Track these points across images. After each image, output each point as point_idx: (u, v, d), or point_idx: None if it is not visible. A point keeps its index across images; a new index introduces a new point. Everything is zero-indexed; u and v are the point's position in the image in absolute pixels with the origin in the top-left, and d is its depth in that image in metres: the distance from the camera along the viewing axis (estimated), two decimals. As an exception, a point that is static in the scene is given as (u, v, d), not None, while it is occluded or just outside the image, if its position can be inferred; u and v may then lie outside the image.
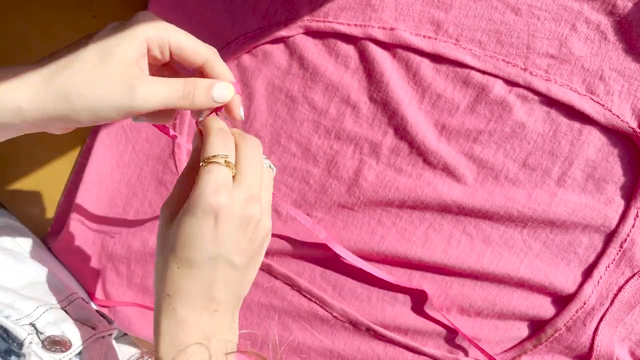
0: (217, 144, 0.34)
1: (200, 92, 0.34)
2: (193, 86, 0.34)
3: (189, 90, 0.34)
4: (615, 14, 0.43)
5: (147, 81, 0.33)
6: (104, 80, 0.32)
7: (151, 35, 0.33)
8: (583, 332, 0.47)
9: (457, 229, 0.48)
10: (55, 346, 0.42)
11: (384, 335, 0.50)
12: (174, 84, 0.34)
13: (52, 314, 0.44)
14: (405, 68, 0.48)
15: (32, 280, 0.48)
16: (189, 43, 0.34)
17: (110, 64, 0.32)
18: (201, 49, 0.35)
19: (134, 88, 0.32)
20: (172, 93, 0.34)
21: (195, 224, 0.32)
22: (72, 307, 0.48)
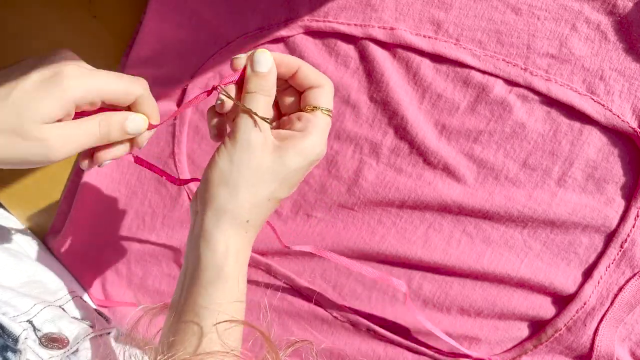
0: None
1: (115, 130, 0.35)
2: (107, 126, 0.34)
3: (104, 132, 0.34)
4: (615, 13, 0.43)
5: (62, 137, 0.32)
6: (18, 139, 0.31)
7: (79, 97, 0.32)
8: (583, 333, 0.46)
9: (457, 229, 0.48)
10: (53, 343, 0.42)
11: (384, 335, 0.50)
12: (88, 128, 0.34)
13: (49, 311, 0.44)
14: (405, 68, 0.48)
15: (30, 278, 0.48)
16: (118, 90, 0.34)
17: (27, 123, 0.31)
18: (130, 88, 0.35)
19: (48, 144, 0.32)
20: (89, 137, 0.34)
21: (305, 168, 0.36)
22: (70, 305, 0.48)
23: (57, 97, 0.31)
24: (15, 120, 0.31)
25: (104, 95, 0.33)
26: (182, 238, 0.54)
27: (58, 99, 0.31)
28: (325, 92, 0.37)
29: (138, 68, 0.55)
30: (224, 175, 0.35)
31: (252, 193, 0.35)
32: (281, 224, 0.52)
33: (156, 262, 0.56)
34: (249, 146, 0.35)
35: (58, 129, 0.32)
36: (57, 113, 0.32)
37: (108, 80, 0.33)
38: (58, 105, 0.32)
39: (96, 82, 0.33)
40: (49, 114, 0.31)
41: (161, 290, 0.56)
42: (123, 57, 0.57)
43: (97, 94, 0.33)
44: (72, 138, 0.33)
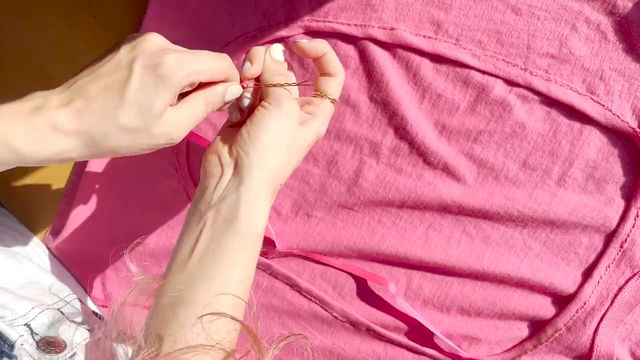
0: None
1: (218, 102, 0.38)
2: (212, 102, 0.37)
3: (209, 107, 0.38)
4: (615, 14, 0.43)
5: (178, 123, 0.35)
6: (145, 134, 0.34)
7: (185, 83, 0.34)
8: (583, 332, 0.47)
9: (457, 229, 0.48)
10: (50, 347, 0.42)
11: (384, 335, 0.50)
12: (197, 108, 0.37)
13: (47, 314, 0.44)
14: (405, 68, 0.48)
15: (29, 280, 0.48)
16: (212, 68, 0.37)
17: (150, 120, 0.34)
18: (222, 66, 0.37)
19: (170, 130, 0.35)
20: (200, 115, 0.37)
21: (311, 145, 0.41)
22: (69, 308, 0.48)
23: (167, 91, 0.33)
24: (137, 120, 0.33)
25: (203, 77, 0.36)
26: (182, 238, 0.54)
27: (168, 93, 0.34)
28: (337, 81, 0.42)
29: (138, 68, 0.55)
30: (276, 138, 0.38)
31: (289, 157, 0.39)
32: (281, 223, 0.52)
33: (156, 262, 0.56)
34: (291, 114, 0.38)
35: (174, 117, 0.35)
36: (167, 105, 0.34)
37: (204, 62, 0.36)
38: (169, 99, 0.34)
39: (195, 66, 0.35)
40: (164, 109, 0.34)
41: (161, 290, 0.56)
42: (123, 57, 0.57)
43: (197, 77, 0.35)
44: (187, 121, 0.36)
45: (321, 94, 0.42)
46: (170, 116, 0.35)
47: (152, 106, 0.33)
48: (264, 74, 0.40)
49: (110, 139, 0.33)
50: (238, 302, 0.36)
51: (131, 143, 0.34)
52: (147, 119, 0.33)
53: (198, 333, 0.34)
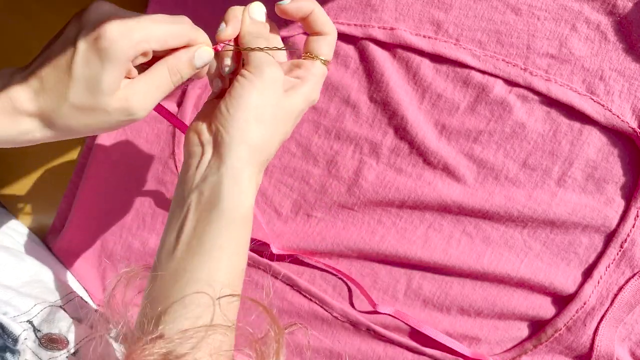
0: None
1: (186, 72, 0.35)
2: (177, 70, 0.34)
3: (176, 79, 0.34)
4: (615, 14, 0.43)
5: (138, 96, 0.33)
6: (100, 112, 0.32)
7: (132, 54, 0.32)
8: (583, 332, 0.47)
9: (457, 229, 0.48)
10: (52, 344, 0.42)
11: (384, 335, 0.50)
12: (160, 79, 0.34)
13: (49, 311, 0.44)
14: (405, 68, 0.48)
15: (31, 278, 0.48)
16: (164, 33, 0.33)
17: (102, 97, 0.32)
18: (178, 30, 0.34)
19: (128, 105, 0.33)
20: (163, 87, 0.34)
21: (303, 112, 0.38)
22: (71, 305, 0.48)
23: (112, 65, 0.31)
24: (89, 97, 0.32)
25: (154, 45, 0.33)
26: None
27: (114, 67, 0.31)
28: (328, 41, 0.38)
29: (138, 68, 0.55)
30: (252, 109, 0.34)
31: (274, 130, 0.36)
32: (281, 224, 0.52)
33: (156, 262, 0.56)
34: (275, 82, 0.35)
35: (132, 91, 0.33)
36: (119, 79, 0.32)
37: (153, 28, 0.32)
38: (117, 72, 0.31)
39: (142, 33, 0.32)
40: (114, 83, 0.32)
41: (161, 290, 0.56)
42: (123, 57, 0.57)
43: (148, 45, 0.32)
44: (149, 94, 0.33)
45: (311, 55, 0.38)
46: (128, 90, 0.32)
47: (100, 82, 0.31)
48: (242, 36, 0.36)
49: (67, 117, 0.32)
50: (233, 289, 0.35)
51: (88, 121, 0.32)
52: (97, 95, 0.31)
53: (198, 315, 0.33)
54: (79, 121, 0.32)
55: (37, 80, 0.32)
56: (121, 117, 0.33)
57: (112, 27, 0.31)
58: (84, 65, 0.31)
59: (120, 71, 0.32)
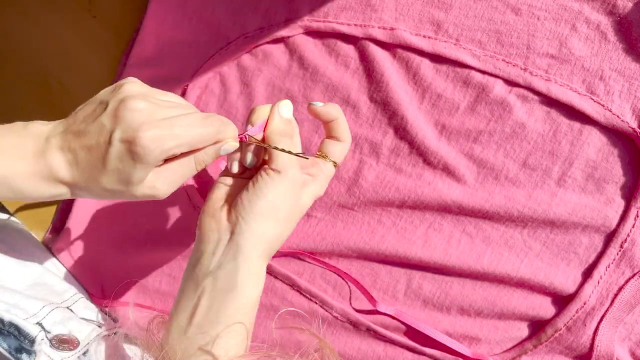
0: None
1: (209, 159, 0.37)
2: (202, 160, 0.37)
3: (200, 165, 0.37)
4: (615, 14, 0.43)
5: (164, 184, 0.36)
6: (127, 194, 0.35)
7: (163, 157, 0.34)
8: (583, 332, 0.47)
9: (457, 229, 0.48)
10: (63, 345, 0.42)
11: (384, 335, 0.50)
12: (185, 167, 0.36)
13: (58, 313, 0.44)
14: (405, 68, 0.48)
15: (35, 281, 0.48)
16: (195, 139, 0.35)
17: (131, 186, 0.34)
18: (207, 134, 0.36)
19: (154, 192, 0.36)
20: (188, 173, 0.37)
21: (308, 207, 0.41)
22: (78, 306, 0.48)
23: (144, 166, 0.34)
24: (119, 185, 0.35)
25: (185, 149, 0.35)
26: (181, 238, 0.54)
27: (145, 168, 0.34)
28: (342, 147, 0.43)
29: (138, 68, 0.55)
30: (275, 208, 0.37)
31: (287, 226, 0.39)
32: (281, 224, 0.52)
33: (156, 262, 0.56)
34: (296, 184, 0.38)
35: (159, 178, 0.35)
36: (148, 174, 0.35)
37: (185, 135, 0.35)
38: (146, 172, 0.34)
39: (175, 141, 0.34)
40: (143, 178, 0.34)
41: (161, 290, 0.56)
42: (123, 57, 0.57)
43: (178, 150, 0.35)
44: (174, 180, 0.36)
45: (324, 156, 0.42)
46: (155, 178, 0.35)
47: (131, 176, 0.34)
48: (270, 133, 0.38)
49: (96, 193, 0.35)
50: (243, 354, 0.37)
51: (116, 198, 0.36)
52: (127, 185, 0.34)
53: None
54: (107, 197, 0.36)
55: (73, 155, 0.34)
56: (145, 197, 0.36)
57: (146, 135, 0.33)
58: (117, 161, 0.33)
59: (149, 170, 0.34)
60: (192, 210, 0.54)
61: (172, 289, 0.56)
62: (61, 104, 0.59)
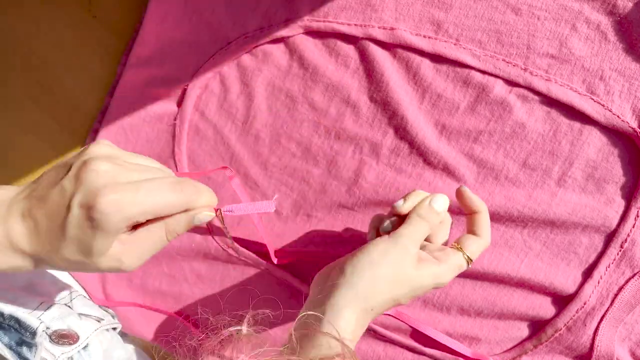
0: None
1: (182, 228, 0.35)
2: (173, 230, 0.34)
3: (171, 235, 0.34)
4: (615, 14, 0.43)
5: (130, 254, 0.33)
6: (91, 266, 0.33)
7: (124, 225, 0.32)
8: (583, 332, 0.46)
9: (457, 229, 0.48)
10: (63, 339, 0.42)
11: (384, 335, 0.50)
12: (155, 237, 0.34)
13: (56, 309, 0.44)
14: (405, 68, 0.48)
15: (31, 281, 0.48)
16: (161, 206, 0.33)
17: (93, 257, 0.32)
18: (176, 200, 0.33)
19: (119, 265, 0.33)
20: (157, 244, 0.34)
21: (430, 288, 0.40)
22: (76, 302, 0.48)
23: (103, 235, 0.31)
24: (79, 255, 0.32)
25: (150, 216, 0.32)
26: (181, 238, 0.54)
27: (105, 237, 0.31)
28: (480, 244, 0.41)
29: (138, 68, 0.55)
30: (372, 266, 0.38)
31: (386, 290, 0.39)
32: (281, 224, 0.52)
33: (156, 262, 0.56)
34: (404, 250, 0.39)
35: (125, 251, 0.33)
36: (109, 245, 0.32)
37: (150, 201, 0.32)
38: (107, 241, 0.32)
39: (138, 208, 0.31)
40: (104, 249, 0.32)
41: (162, 290, 0.56)
42: (123, 57, 0.57)
43: (142, 217, 0.32)
44: (141, 251, 0.33)
45: (458, 247, 0.41)
46: (121, 251, 0.33)
47: (91, 247, 0.31)
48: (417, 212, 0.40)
49: (58, 265, 0.33)
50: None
51: (79, 270, 0.33)
52: (89, 255, 0.32)
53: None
54: (70, 269, 0.33)
55: (33, 222, 0.32)
56: (111, 270, 0.33)
57: (106, 200, 0.30)
58: (76, 228, 0.31)
59: (111, 239, 0.32)
60: (192, 210, 0.54)
61: (172, 289, 0.56)
62: (61, 104, 0.59)
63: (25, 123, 0.60)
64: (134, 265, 0.33)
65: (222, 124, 0.53)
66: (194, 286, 0.55)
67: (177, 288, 0.56)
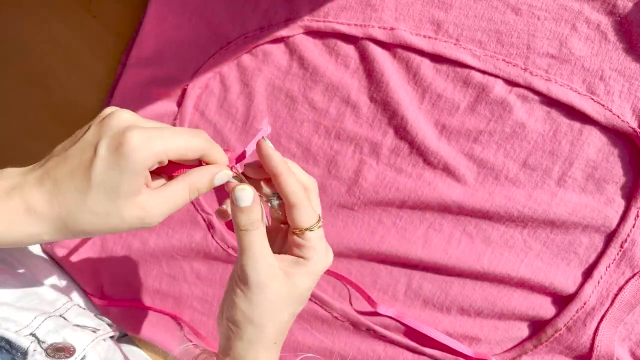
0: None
1: (203, 188, 0.35)
2: (195, 188, 0.35)
3: (194, 195, 0.35)
4: (615, 13, 0.43)
5: (154, 206, 0.33)
6: (116, 218, 0.33)
7: (150, 162, 0.32)
8: (583, 332, 0.46)
9: (457, 229, 0.48)
10: (59, 353, 0.41)
11: (384, 335, 0.50)
12: (177, 194, 0.34)
13: (51, 321, 0.44)
14: (405, 68, 0.48)
15: (25, 292, 0.48)
16: (184, 149, 0.34)
17: (119, 202, 0.32)
18: (196, 148, 0.34)
19: (144, 218, 0.33)
20: (179, 201, 0.35)
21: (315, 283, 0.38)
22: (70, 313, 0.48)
23: (132, 172, 0.31)
24: (107, 203, 0.32)
25: (172, 155, 0.33)
26: (181, 238, 0.54)
27: (133, 174, 0.32)
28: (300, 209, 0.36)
29: (138, 68, 0.55)
30: (247, 315, 0.36)
31: (275, 321, 0.37)
32: (281, 224, 0.52)
33: (156, 262, 0.56)
34: (263, 288, 0.35)
35: (150, 202, 0.33)
36: (137, 186, 0.32)
37: (173, 140, 0.33)
38: (136, 180, 0.32)
39: (162, 144, 0.32)
40: (132, 190, 0.32)
41: (161, 290, 0.56)
42: (123, 56, 0.57)
43: (166, 156, 0.33)
44: (166, 207, 0.34)
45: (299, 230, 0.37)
46: (146, 199, 0.33)
47: (119, 188, 0.32)
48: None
49: (82, 222, 0.32)
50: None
51: (102, 226, 0.33)
52: (115, 201, 0.32)
53: None
54: (93, 225, 0.33)
55: (52, 182, 0.32)
56: (134, 224, 0.33)
57: (134, 136, 0.31)
58: (103, 172, 0.31)
59: (139, 179, 0.32)
60: (193, 210, 0.54)
61: (172, 289, 0.56)
62: (61, 104, 0.59)
63: (25, 123, 0.60)
64: (156, 218, 0.34)
65: (222, 123, 0.53)
66: (194, 286, 0.55)
67: (177, 288, 0.56)
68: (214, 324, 0.55)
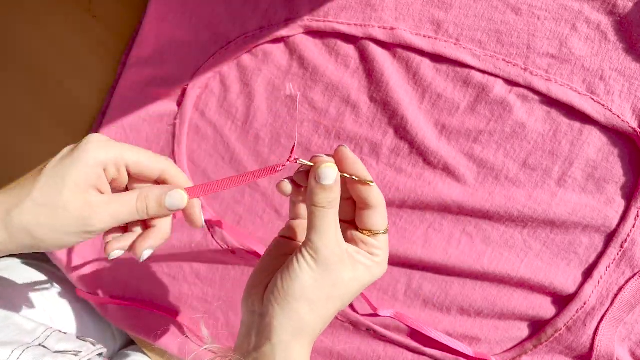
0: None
1: (152, 205, 0.36)
2: (145, 201, 0.35)
3: (141, 207, 0.35)
4: (615, 13, 0.43)
5: (100, 206, 0.34)
6: (60, 211, 0.33)
7: (103, 158, 0.34)
8: (583, 332, 0.46)
9: (457, 229, 0.48)
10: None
11: (384, 335, 0.50)
12: (126, 201, 0.35)
13: (30, 353, 0.43)
14: (405, 68, 0.48)
15: (2, 323, 0.47)
16: (144, 159, 0.35)
17: (65, 192, 0.33)
18: (156, 161, 0.36)
19: (89, 216, 0.34)
20: (127, 209, 0.35)
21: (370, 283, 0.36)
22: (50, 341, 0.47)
23: (83, 160, 0.33)
24: (53, 191, 0.33)
25: (129, 162, 0.35)
26: (181, 237, 0.54)
27: (84, 163, 0.33)
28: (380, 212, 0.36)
29: (138, 68, 0.55)
30: (306, 291, 0.34)
31: (328, 308, 0.35)
32: (281, 223, 0.52)
33: (156, 262, 0.56)
34: (331, 265, 0.34)
35: (96, 199, 0.34)
36: (86, 178, 0.33)
37: (132, 149, 0.35)
38: (84, 170, 0.33)
39: (120, 147, 0.34)
40: (79, 180, 0.33)
41: (161, 290, 0.56)
42: (123, 57, 0.57)
43: (121, 158, 0.34)
44: (111, 208, 0.34)
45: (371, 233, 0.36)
46: (95, 199, 0.34)
47: (66, 177, 0.33)
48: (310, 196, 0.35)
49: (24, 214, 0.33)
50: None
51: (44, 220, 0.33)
52: (62, 191, 0.33)
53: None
54: (37, 219, 0.33)
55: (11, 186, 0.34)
56: (78, 224, 0.33)
57: (95, 136, 0.34)
58: (56, 163, 0.33)
59: (89, 172, 0.33)
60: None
61: (172, 289, 0.56)
62: (61, 104, 0.59)
63: (25, 123, 0.60)
64: (101, 219, 0.34)
65: (222, 123, 0.53)
66: (193, 286, 0.55)
67: (177, 288, 0.56)
68: (214, 323, 0.55)
